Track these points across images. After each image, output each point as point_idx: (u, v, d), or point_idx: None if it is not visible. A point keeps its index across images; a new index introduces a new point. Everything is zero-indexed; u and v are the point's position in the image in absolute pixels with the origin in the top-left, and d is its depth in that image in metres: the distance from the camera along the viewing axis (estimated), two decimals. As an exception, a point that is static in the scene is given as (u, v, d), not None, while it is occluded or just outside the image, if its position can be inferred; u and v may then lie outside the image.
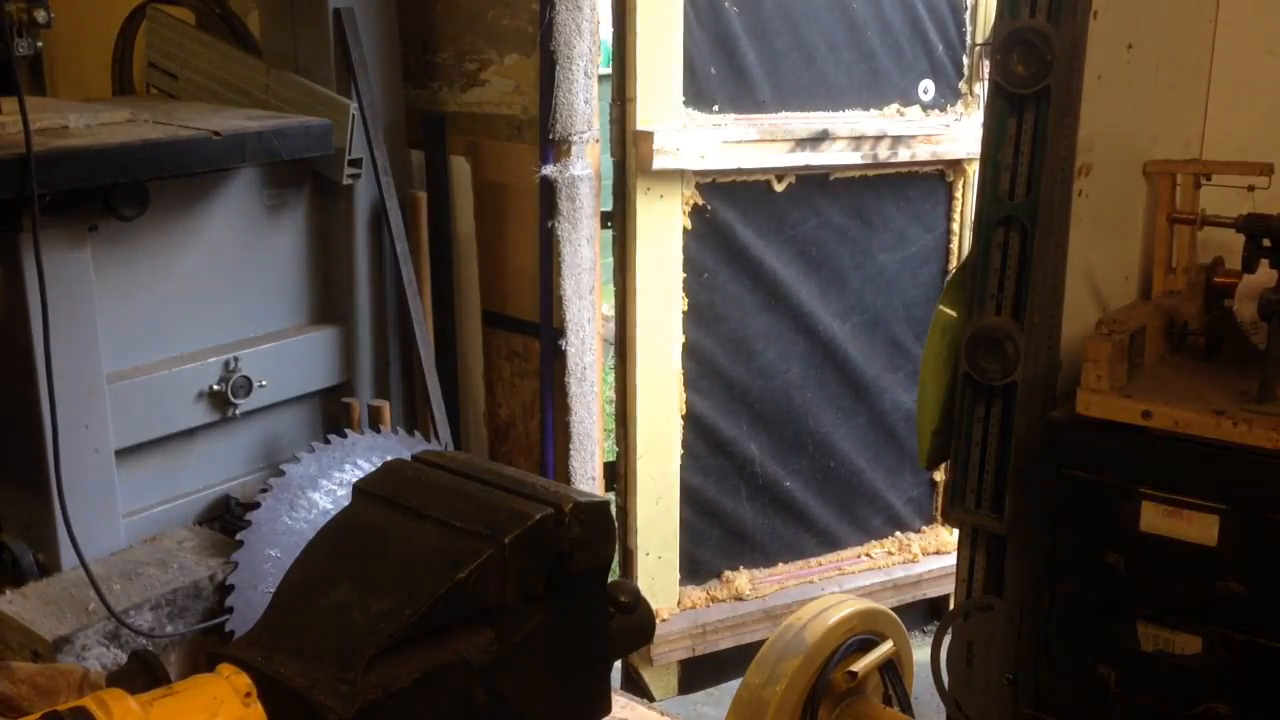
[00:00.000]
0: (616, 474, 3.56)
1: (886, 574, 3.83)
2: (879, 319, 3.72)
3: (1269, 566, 1.90)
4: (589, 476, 3.49)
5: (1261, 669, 1.94)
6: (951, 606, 2.99)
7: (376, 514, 1.52)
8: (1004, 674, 2.22)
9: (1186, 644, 2.00)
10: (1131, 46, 2.16)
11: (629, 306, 3.37)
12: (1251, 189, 2.15)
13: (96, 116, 2.90)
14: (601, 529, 1.54)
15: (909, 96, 3.61)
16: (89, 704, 1.22)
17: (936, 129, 3.59)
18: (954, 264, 3.75)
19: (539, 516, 1.45)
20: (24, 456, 2.79)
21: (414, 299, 3.32)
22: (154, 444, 3.03)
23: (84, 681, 2.22)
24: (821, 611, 2.22)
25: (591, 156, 3.33)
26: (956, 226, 3.74)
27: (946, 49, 3.64)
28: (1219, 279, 2.22)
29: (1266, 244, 2.03)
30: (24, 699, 2.12)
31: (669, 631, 3.52)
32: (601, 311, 3.49)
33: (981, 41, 3.63)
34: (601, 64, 3.35)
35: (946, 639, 2.30)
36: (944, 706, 2.32)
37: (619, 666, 3.54)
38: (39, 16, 2.71)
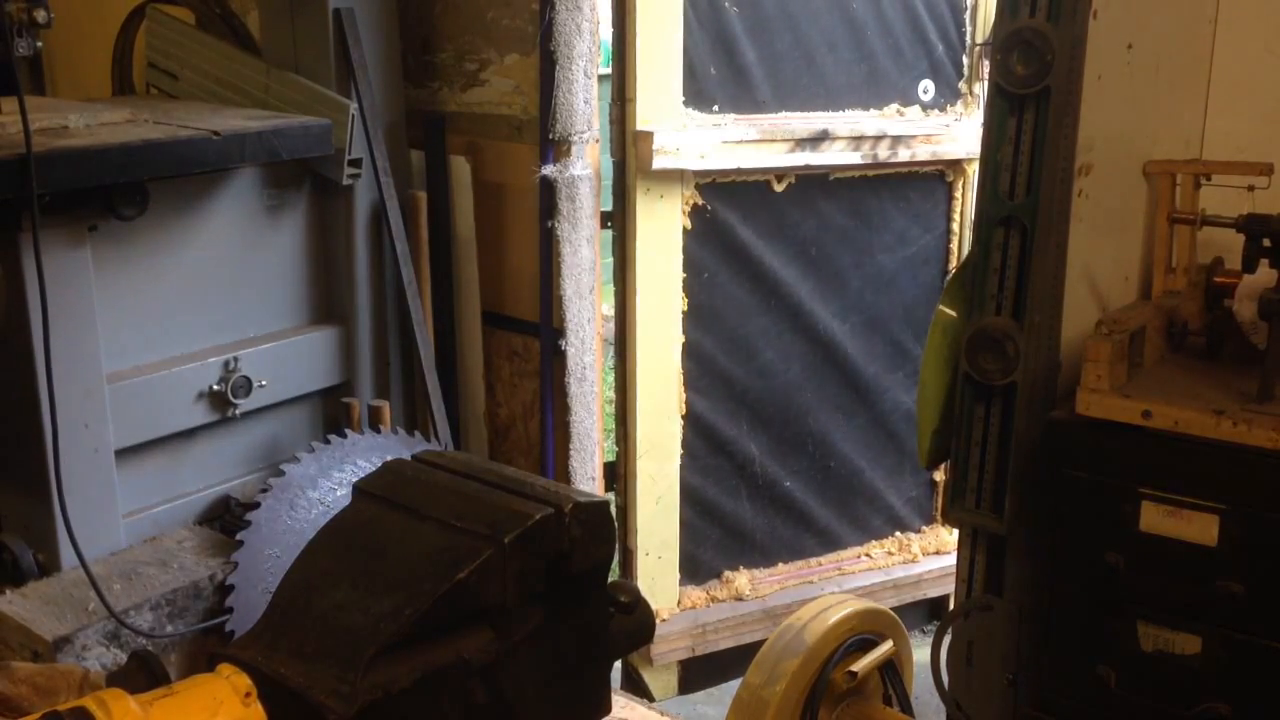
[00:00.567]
0: (616, 474, 3.56)
1: (886, 574, 3.83)
2: (879, 319, 3.72)
3: (1269, 566, 1.90)
4: (589, 476, 3.49)
5: (1261, 669, 1.94)
6: (951, 606, 2.99)
7: (376, 514, 1.52)
8: (1004, 674, 2.22)
9: (1186, 644, 2.00)
10: (1131, 46, 2.16)
11: (629, 306, 3.37)
12: (1251, 189, 2.15)
13: (96, 116, 2.90)
14: (601, 529, 1.53)
15: (909, 96, 3.61)
16: (89, 704, 1.21)
17: (936, 129, 3.59)
18: (954, 264, 3.75)
19: (539, 516, 1.45)
20: (24, 456, 2.79)
21: (414, 299, 3.32)
22: (154, 444, 3.03)
23: (84, 681, 2.22)
24: (821, 611, 2.21)
25: (591, 156, 3.33)
26: (956, 226, 3.74)
27: (946, 49, 3.64)
28: (1219, 279, 2.23)
29: (1266, 244, 2.03)
30: (24, 699, 2.12)
31: (669, 631, 3.52)
32: (601, 311, 3.49)
33: (981, 41, 3.63)
34: (601, 64, 3.34)
35: (946, 639, 2.30)
36: (944, 706, 2.32)
37: (619, 666, 3.54)
38: (39, 16, 2.71)
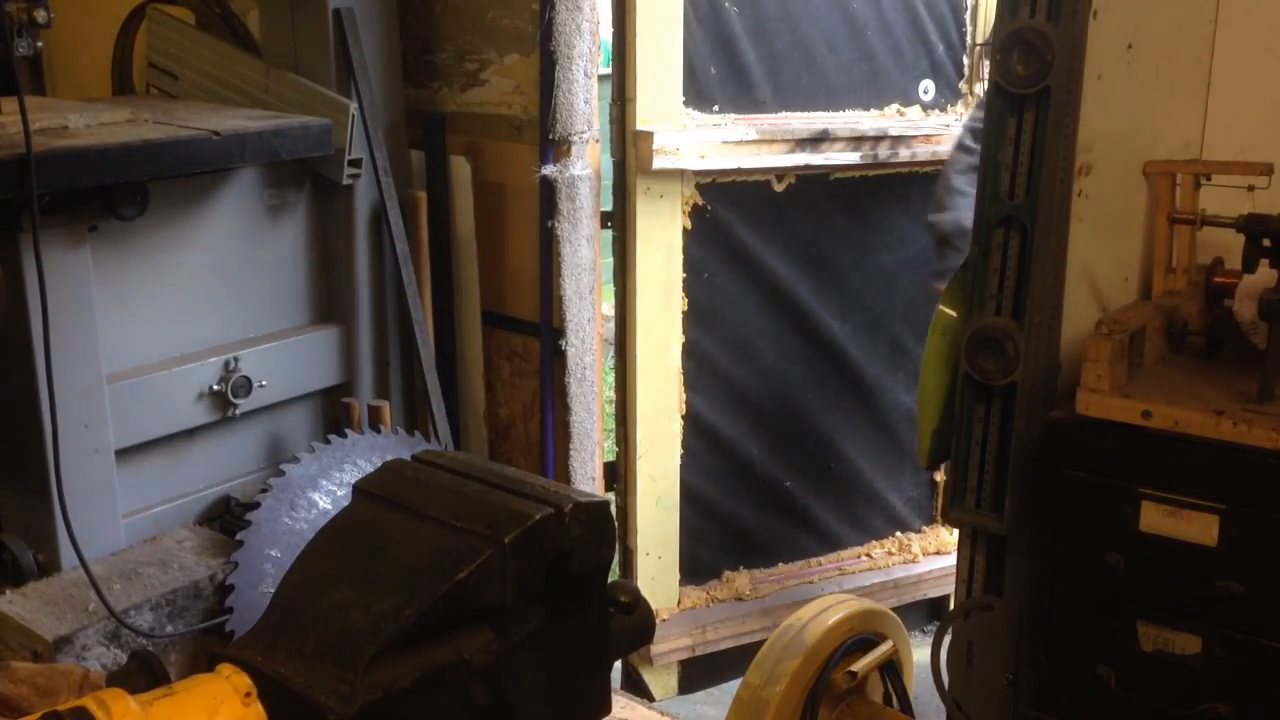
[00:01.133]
0: (616, 474, 3.56)
1: (887, 574, 3.84)
2: (879, 319, 3.72)
3: (1269, 566, 1.90)
4: (589, 476, 3.48)
5: (1261, 669, 1.94)
6: (951, 606, 2.99)
7: (376, 514, 1.52)
8: (1004, 674, 2.22)
9: (1186, 644, 1.99)
10: (1131, 46, 2.16)
11: (629, 306, 3.37)
12: (1251, 189, 2.15)
13: (96, 116, 2.90)
14: (601, 529, 1.53)
15: (909, 96, 3.62)
16: (89, 704, 1.21)
17: (937, 129, 3.59)
18: (954, 264, 3.75)
19: (539, 516, 1.45)
20: (24, 456, 2.79)
21: (414, 299, 3.32)
22: (154, 444, 3.03)
23: (84, 681, 2.21)
24: (821, 611, 2.21)
25: (591, 156, 3.33)
26: (957, 227, 3.74)
27: (946, 49, 3.64)
28: (1219, 279, 2.22)
29: (1266, 244, 2.03)
30: (24, 699, 2.12)
31: (669, 631, 3.52)
32: (601, 311, 3.49)
33: (981, 41, 3.63)
34: (601, 64, 3.35)
35: (946, 639, 2.30)
36: (944, 706, 2.32)
37: (619, 666, 3.54)
38: (39, 16, 2.71)
